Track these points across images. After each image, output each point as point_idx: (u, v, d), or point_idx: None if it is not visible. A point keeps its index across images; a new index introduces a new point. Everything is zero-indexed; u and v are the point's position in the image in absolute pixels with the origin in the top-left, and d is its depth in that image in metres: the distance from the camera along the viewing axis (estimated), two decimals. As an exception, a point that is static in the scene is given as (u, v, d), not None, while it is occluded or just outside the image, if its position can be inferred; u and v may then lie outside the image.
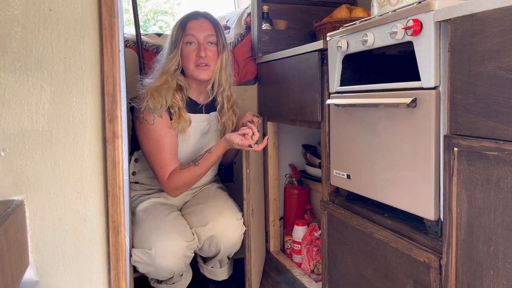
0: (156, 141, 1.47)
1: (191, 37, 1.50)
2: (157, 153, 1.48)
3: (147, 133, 1.48)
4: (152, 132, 1.47)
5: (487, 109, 0.79)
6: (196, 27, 1.51)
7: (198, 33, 1.51)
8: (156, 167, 1.49)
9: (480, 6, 0.79)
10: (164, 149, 1.48)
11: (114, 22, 0.80)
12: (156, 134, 1.47)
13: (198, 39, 1.51)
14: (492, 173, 0.79)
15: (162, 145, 1.47)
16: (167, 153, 1.48)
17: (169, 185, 1.48)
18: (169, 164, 1.48)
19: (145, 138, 1.48)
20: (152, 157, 1.49)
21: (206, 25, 1.53)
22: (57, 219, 0.85)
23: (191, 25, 1.51)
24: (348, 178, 1.25)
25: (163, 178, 1.48)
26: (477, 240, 0.83)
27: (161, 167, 1.48)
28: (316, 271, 1.66)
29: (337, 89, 1.27)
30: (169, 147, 1.48)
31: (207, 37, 1.52)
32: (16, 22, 0.79)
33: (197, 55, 1.50)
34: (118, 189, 0.84)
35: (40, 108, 0.82)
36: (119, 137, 0.83)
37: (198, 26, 1.52)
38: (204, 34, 1.51)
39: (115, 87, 0.81)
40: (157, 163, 1.48)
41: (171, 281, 1.55)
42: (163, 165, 1.48)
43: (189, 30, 1.50)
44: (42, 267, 0.85)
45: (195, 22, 1.52)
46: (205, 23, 1.53)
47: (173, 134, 1.51)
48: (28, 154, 0.82)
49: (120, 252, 0.85)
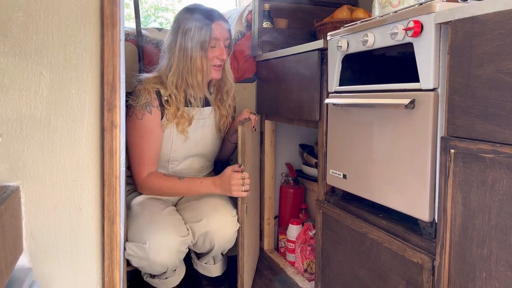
0: (139, 137, 1.48)
1: (216, 40, 1.51)
2: (138, 149, 1.49)
3: (133, 127, 1.48)
4: (138, 127, 1.48)
5: (485, 111, 0.79)
6: (221, 31, 1.52)
7: (222, 37, 1.52)
8: (134, 161, 1.50)
9: (481, 9, 0.80)
10: (145, 146, 1.48)
11: (116, 11, 0.79)
12: (142, 130, 1.48)
13: (220, 42, 1.52)
14: (487, 176, 0.79)
15: (144, 141, 1.48)
16: (148, 151, 1.49)
17: (144, 183, 1.50)
18: (147, 163, 1.49)
19: (131, 131, 1.49)
20: (132, 151, 1.50)
21: (226, 29, 1.55)
22: (52, 207, 0.85)
23: (216, 28, 1.50)
24: (344, 178, 1.25)
25: (139, 174, 1.49)
26: (471, 242, 0.83)
27: (139, 163, 1.49)
28: (309, 270, 1.67)
29: (336, 88, 1.27)
30: (150, 145, 1.49)
31: (226, 40, 1.54)
32: (18, 8, 0.79)
33: (219, 57, 1.52)
34: (115, 179, 0.83)
35: (38, 94, 0.81)
36: (117, 127, 0.83)
37: (222, 30, 1.52)
38: (225, 37, 1.54)
39: (115, 76, 0.81)
40: (136, 158, 1.49)
41: (164, 276, 1.54)
42: (141, 162, 1.49)
43: (216, 34, 1.50)
44: (36, 254, 0.85)
45: (218, 25, 1.52)
46: (225, 27, 1.55)
47: (159, 134, 1.51)
48: (25, 140, 0.82)
49: (114, 242, 0.84)
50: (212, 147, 1.67)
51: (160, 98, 1.50)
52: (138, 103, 1.47)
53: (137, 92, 1.49)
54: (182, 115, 1.52)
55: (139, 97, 1.47)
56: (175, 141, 1.55)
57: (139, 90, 1.49)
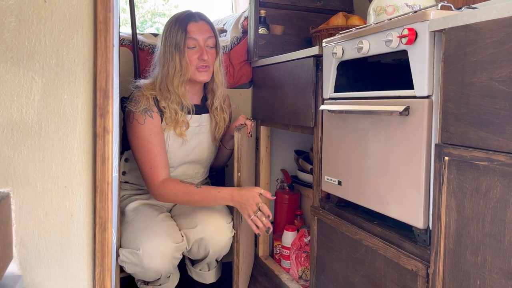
0: (146, 141, 1.46)
1: (193, 40, 1.50)
2: (148, 153, 1.46)
3: (137, 133, 1.47)
4: (141, 132, 1.46)
5: (478, 119, 0.79)
6: (197, 30, 1.51)
7: (200, 36, 1.51)
8: (145, 167, 1.47)
9: (474, 17, 0.80)
10: (154, 149, 1.46)
11: (109, 16, 0.79)
12: (146, 134, 1.46)
13: (199, 42, 1.51)
14: (481, 183, 0.79)
15: (152, 144, 1.46)
16: (158, 153, 1.47)
17: (161, 190, 1.46)
18: (160, 166, 1.46)
19: (135, 137, 1.47)
20: (142, 157, 1.47)
21: (206, 28, 1.53)
22: (43, 213, 0.84)
23: (192, 28, 1.50)
24: (339, 184, 1.24)
25: (154, 179, 1.46)
26: (465, 249, 0.83)
27: (152, 167, 1.46)
28: (304, 277, 1.66)
29: (331, 95, 1.27)
30: (159, 148, 1.47)
31: (207, 39, 1.52)
32: (10, 12, 0.79)
33: (199, 58, 1.50)
34: (107, 185, 0.83)
35: (30, 100, 0.81)
36: (109, 133, 0.82)
37: (199, 29, 1.51)
38: (204, 37, 1.52)
39: (108, 82, 0.80)
40: (147, 163, 1.46)
41: (158, 282, 1.53)
42: (153, 165, 1.46)
43: (191, 34, 1.49)
44: (26, 261, 0.83)
45: (195, 25, 1.51)
46: (204, 26, 1.53)
47: (162, 136, 1.50)
48: (16, 146, 0.81)
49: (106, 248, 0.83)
50: (207, 154, 1.67)
51: (158, 104, 1.50)
52: (138, 108, 1.46)
53: (136, 97, 1.48)
54: (180, 119, 1.52)
55: (138, 103, 1.46)
56: (171, 146, 1.54)
57: (137, 96, 1.48)
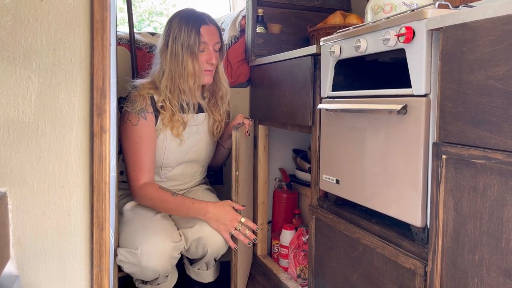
0: (135, 143, 1.46)
1: (204, 44, 1.50)
2: (134, 155, 1.47)
3: (128, 133, 1.47)
4: (132, 133, 1.46)
5: (475, 117, 0.79)
6: (209, 34, 1.51)
7: (211, 41, 1.51)
8: (130, 168, 1.48)
9: (471, 16, 0.80)
10: (141, 152, 1.47)
11: (106, 15, 0.79)
12: (136, 136, 1.46)
13: (209, 46, 1.51)
14: (479, 181, 0.79)
15: (140, 147, 1.47)
16: (144, 157, 1.47)
17: (140, 192, 1.47)
18: (143, 169, 1.47)
19: (126, 138, 1.48)
20: (128, 157, 1.48)
21: (215, 32, 1.54)
22: (40, 213, 0.83)
23: (204, 31, 1.50)
24: (337, 183, 1.24)
25: (135, 181, 1.47)
26: (463, 247, 0.83)
27: (135, 169, 1.47)
28: (302, 275, 1.66)
29: (329, 94, 1.27)
30: (146, 151, 1.47)
31: (216, 44, 1.53)
32: (6, 12, 0.78)
33: (208, 62, 1.51)
34: (104, 185, 0.82)
35: (27, 99, 0.80)
36: (107, 132, 0.82)
37: (210, 33, 1.51)
38: (214, 41, 1.52)
39: (105, 81, 0.80)
40: (132, 165, 1.47)
41: (156, 282, 1.53)
42: (137, 168, 1.47)
43: (204, 38, 1.49)
44: (23, 261, 0.83)
45: (207, 28, 1.51)
46: (214, 30, 1.54)
47: (154, 140, 1.50)
48: (13, 146, 0.81)
49: (104, 248, 0.83)
50: (205, 153, 1.67)
51: (154, 104, 1.50)
52: (133, 109, 1.46)
53: (132, 98, 1.48)
54: (177, 119, 1.52)
55: (134, 103, 1.46)
56: (168, 146, 1.54)
57: (134, 96, 1.48)
